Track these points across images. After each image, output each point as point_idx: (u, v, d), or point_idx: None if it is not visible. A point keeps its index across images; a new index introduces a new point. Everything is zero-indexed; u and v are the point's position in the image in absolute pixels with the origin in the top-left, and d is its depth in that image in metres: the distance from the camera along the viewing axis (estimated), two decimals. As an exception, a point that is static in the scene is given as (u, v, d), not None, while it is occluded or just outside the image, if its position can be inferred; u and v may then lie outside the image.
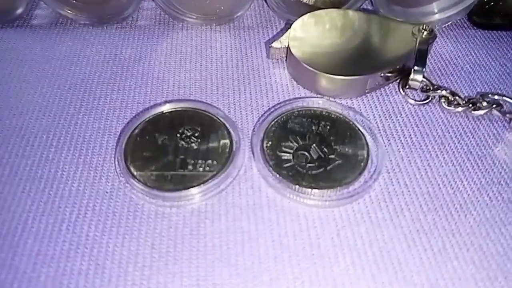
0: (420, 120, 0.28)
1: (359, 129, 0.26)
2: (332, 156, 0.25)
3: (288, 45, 0.30)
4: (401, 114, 0.28)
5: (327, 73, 0.28)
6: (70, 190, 0.24)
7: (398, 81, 0.30)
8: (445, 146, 0.27)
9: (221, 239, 0.22)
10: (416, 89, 0.29)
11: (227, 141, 0.26)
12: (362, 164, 0.25)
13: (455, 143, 0.27)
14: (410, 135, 0.27)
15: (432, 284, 0.21)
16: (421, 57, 0.29)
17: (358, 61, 0.29)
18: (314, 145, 0.25)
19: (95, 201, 0.24)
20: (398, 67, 0.29)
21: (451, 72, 0.31)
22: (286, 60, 0.31)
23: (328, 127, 0.26)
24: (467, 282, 0.21)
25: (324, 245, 0.22)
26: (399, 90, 0.30)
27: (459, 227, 0.23)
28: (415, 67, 0.28)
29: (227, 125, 0.27)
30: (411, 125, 0.28)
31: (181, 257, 0.21)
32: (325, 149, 0.25)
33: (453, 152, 0.26)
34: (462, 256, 0.22)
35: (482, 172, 0.25)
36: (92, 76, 0.30)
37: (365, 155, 0.25)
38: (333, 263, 0.21)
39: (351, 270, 0.21)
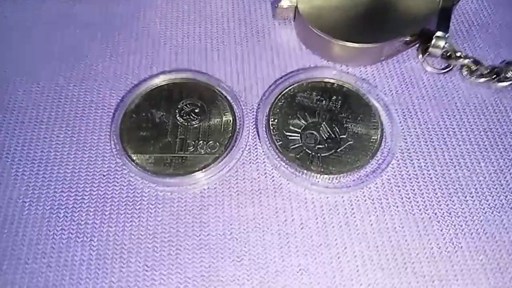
0: (439, 91, 0.26)
1: (373, 105, 0.24)
2: (344, 136, 0.23)
3: (296, 4, 0.27)
4: (418, 84, 0.26)
5: (339, 38, 0.25)
6: (65, 173, 0.23)
7: (417, 45, 0.27)
8: (463, 122, 0.25)
9: (225, 228, 0.21)
10: (436, 57, 0.27)
11: (230, 118, 0.24)
12: (375, 145, 0.23)
13: (474, 119, 0.25)
14: (428, 109, 0.25)
15: (441, 275, 0.20)
16: (444, 20, 0.26)
17: (374, 23, 0.26)
18: (324, 123, 0.24)
19: (91, 185, 0.22)
20: (418, 31, 0.26)
21: (475, 34, 0.28)
22: (294, 20, 0.29)
23: (339, 102, 0.24)
24: (477, 273, 0.20)
25: (332, 234, 0.21)
26: (417, 56, 0.27)
27: (472, 213, 0.22)
28: (438, 33, 0.26)
29: (230, 98, 0.25)
30: (429, 97, 0.26)
31: (184, 247, 0.21)
32: (336, 128, 0.23)
33: (472, 129, 0.25)
34: (473, 246, 0.21)
35: (500, 152, 0.24)
36: (82, 40, 0.28)
37: (379, 135, 0.23)
38: (341, 253, 0.21)
39: (359, 261, 0.21)
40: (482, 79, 0.26)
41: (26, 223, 0.21)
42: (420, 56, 0.27)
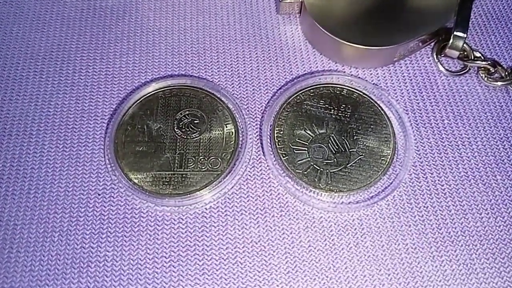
0: (454, 95, 0.24)
1: (384, 113, 0.23)
2: (354, 150, 0.22)
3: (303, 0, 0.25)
4: (432, 88, 0.25)
5: (350, 39, 0.23)
6: (58, 192, 0.21)
7: (432, 44, 0.26)
8: (479, 131, 0.23)
9: (229, 251, 0.20)
10: (453, 58, 0.25)
11: (232, 129, 0.22)
12: (387, 160, 0.22)
13: (490, 127, 0.23)
14: (442, 116, 0.24)
15: (454, 300, 0.20)
16: (463, 18, 0.24)
17: (388, 22, 0.24)
18: (332, 135, 0.22)
19: (86, 204, 0.21)
20: (436, 29, 0.24)
21: (493, 30, 0.26)
22: (299, 15, 0.26)
23: (349, 111, 0.23)
24: (492, 296, 0.20)
25: (341, 257, 0.20)
26: (432, 56, 0.25)
27: (487, 232, 0.21)
28: (456, 32, 0.24)
29: (231, 107, 0.23)
30: (443, 102, 0.24)
31: (185, 273, 0.20)
32: (345, 140, 0.22)
33: (488, 138, 0.23)
34: (488, 267, 0.20)
35: (518, 164, 0.23)
36: (70, 40, 0.26)
37: (391, 148, 0.22)
38: (350, 277, 0.20)
39: (369, 286, 0.20)
40: (500, 83, 0.24)
41: (18, 248, 0.20)
42: (435, 56, 0.25)
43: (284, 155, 0.22)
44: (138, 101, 0.23)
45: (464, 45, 0.24)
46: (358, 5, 0.25)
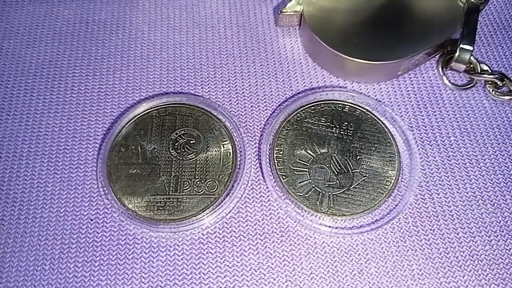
0: (460, 111, 0.23)
1: (388, 131, 0.22)
2: (357, 171, 0.21)
3: (302, 12, 0.24)
4: (438, 103, 0.24)
5: (352, 54, 0.22)
6: (49, 217, 0.21)
7: (437, 56, 0.25)
8: (487, 148, 0.22)
9: (227, 279, 0.19)
10: (459, 71, 0.24)
11: (230, 149, 0.22)
12: (391, 181, 0.21)
13: (499, 144, 0.23)
14: (448, 133, 0.23)
15: (463, 329, 0.19)
16: (469, 30, 0.23)
17: (391, 35, 0.23)
18: (334, 155, 0.21)
19: (78, 230, 0.20)
20: (440, 42, 0.23)
21: (500, 41, 0.26)
22: (299, 27, 0.25)
23: (351, 129, 0.22)
24: (502, 325, 0.19)
25: (344, 284, 0.19)
26: (437, 69, 0.24)
27: (497, 255, 0.20)
28: (462, 45, 0.23)
29: (228, 125, 0.22)
30: (449, 118, 0.23)
31: (182, 304, 0.19)
32: (348, 160, 0.21)
33: (496, 156, 0.22)
34: (499, 294, 0.19)
35: (528, 183, 0.22)
36: (62, 56, 0.25)
37: (396, 168, 0.21)
38: (354, 307, 0.19)
39: (374, 316, 0.19)
40: (508, 97, 0.23)
41: (8, 277, 0.19)
42: (440, 70, 0.24)
43: (284, 177, 0.21)
44: (132, 121, 0.22)
45: (471, 57, 0.23)
46: (360, 17, 0.24)
